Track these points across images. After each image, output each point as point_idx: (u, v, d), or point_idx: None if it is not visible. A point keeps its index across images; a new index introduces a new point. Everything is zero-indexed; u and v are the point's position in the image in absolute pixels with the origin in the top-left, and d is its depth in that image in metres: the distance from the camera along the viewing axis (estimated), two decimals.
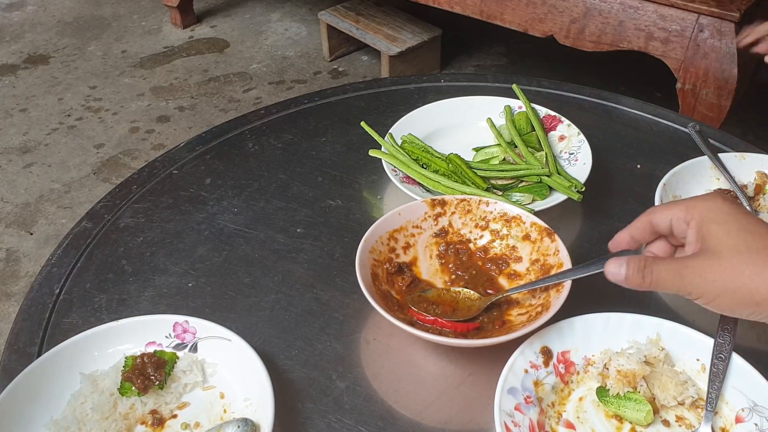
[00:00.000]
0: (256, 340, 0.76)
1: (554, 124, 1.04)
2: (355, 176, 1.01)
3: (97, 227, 0.92)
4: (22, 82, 2.92)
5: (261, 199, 0.97)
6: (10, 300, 1.95)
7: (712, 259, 0.58)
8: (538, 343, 0.70)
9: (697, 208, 0.61)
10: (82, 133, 2.61)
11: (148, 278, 0.85)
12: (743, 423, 0.65)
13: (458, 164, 0.94)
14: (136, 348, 0.72)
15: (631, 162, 1.03)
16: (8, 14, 3.45)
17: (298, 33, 3.21)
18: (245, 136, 1.10)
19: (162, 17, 3.37)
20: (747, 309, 0.57)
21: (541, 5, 1.95)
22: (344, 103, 1.18)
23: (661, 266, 0.60)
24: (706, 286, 0.57)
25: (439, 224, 0.84)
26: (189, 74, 2.94)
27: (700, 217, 0.60)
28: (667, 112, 1.13)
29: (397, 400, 0.70)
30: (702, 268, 0.58)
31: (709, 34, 1.69)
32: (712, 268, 0.57)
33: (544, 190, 0.92)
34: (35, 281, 0.84)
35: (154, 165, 1.04)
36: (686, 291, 0.59)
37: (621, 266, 0.62)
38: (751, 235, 0.57)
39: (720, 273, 0.57)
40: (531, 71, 2.88)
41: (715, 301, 0.58)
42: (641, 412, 0.66)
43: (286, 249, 0.89)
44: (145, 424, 0.68)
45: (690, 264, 0.59)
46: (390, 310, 0.72)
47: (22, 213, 2.25)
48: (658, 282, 0.60)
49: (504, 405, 0.64)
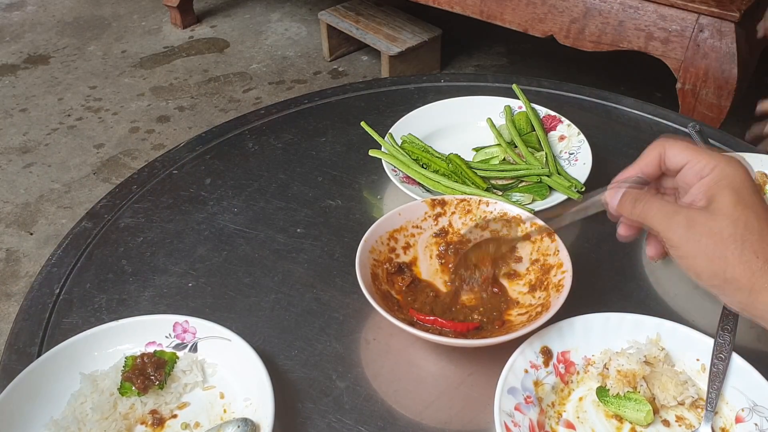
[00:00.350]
0: (256, 340, 0.76)
1: (554, 124, 1.04)
2: (355, 176, 1.01)
3: (97, 227, 0.92)
4: (22, 82, 2.92)
5: (261, 199, 0.97)
6: (10, 300, 1.95)
7: (708, 218, 0.56)
8: (538, 343, 0.70)
9: (719, 167, 0.58)
10: (82, 133, 2.61)
11: (148, 278, 0.85)
12: (743, 423, 0.65)
13: (458, 164, 0.94)
14: (136, 348, 0.72)
15: (631, 162, 1.02)
16: (8, 14, 3.45)
17: (298, 33, 3.21)
18: (245, 136, 1.10)
19: (162, 17, 3.37)
20: (713, 280, 0.56)
21: (541, 5, 1.95)
22: (344, 103, 1.18)
23: (655, 202, 0.59)
24: (689, 239, 0.56)
25: (439, 224, 0.84)
26: (189, 74, 2.94)
27: (718, 178, 0.58)
28: (667, 112, 1.13)
29: (397, 400, 0.70)
30: (694, 221, 0.56)
31: (709, 34, 1.69)
32: (705, 226, 0.56)
33: (544, 190, 0.92)
34: (35, 281, 0.84)
35: (154, 165, 1.04)
36: (668, 236, 0.58)
37: (617, 193, 0.62)
38: (756, 217, 0.56)
39: (709, 235, 0.55)
40: (531, 71, 2.88)
41: (688, 260, 0.57)
42: (641, 412, 0.66)
43: (286, 249, 0.89)
44: (145, 424, 0.68)
45: (683, 212, 0.57)
46: (390, 310, 0.72)
47: (22, 213, 2.25)
48: (646, 215, 0.59)
49: (504, 405, 0.64)
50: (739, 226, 0.55)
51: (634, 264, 0.86)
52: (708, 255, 0.55)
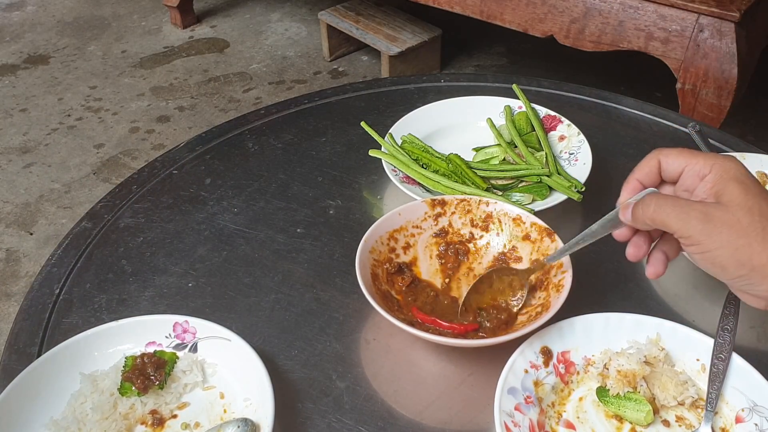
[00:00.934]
0: (256, 340, 0.76)
1: (554, 124, 1.04)
2: (355, 176, 1.01)
3: (97, 227, 0.92)
4: (22, 82, 2.92)
5: (261, 199, 0.97)
6: (10, 300, 1.95)
7: (722, 210, 0.55)
8: (538, 343, 0.70)
9: (718, 163, 0.58)
10: (82, 133, 2.61)
11: (148, 278, 0.85)
12: (743, 423, 0.65)
13: (458, 164, 0.94)
14: (136, 348, 0.72)
15: (631, 162, 1.01)
16: (8, 14, 3.45)
17: (298, 33, 3.20)
18: (245, 136, 1.10)
19: (162, 17, 3.37)
20: (741, 270, 0.55)
21: (541, 5, 1.95)
22: (344, 103, 1.18)
23: (667, 201, 0.58)
24: (710, 233, 0.55)
25: (439, 224, 0.84)
26: (189, 74, 2.94)
27: (720, 173, 0.58)
28: (667, 112, 1.13)
29: (397, 400, 0.70)
30: (710, 215, 0.56)
31: (709, 34, 1.69)
32: (721, 219, 0.55)
33: (544, 190, 0.92)
34: (35, 281, 0.84)
35: (154, 165, 1.04)
36: (687, 233, 0.57)
37: (628, 210, 0.61)
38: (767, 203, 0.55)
39: (728, 226, 0.55)
40: (531, 71, 2.88)
41: (711, 253, 0.56)
42: (641, 412, 0.66)
43: (286, 249, 0.89)
44: (145, 424, 0.68)
45: (698, 207, 0.57)
46: (390, 310, 0.72)
47: (22, 213, 2.25)
48: (661, 216, 0.58)
49: (504, 405, 0.64)
50: (755, 214, 0.55)
51: (634, 264, 0.85)
52: (731, 245, 0.55)
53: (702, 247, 0.56)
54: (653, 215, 0.59)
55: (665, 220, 0.58)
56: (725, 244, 0.55)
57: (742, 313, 0.72)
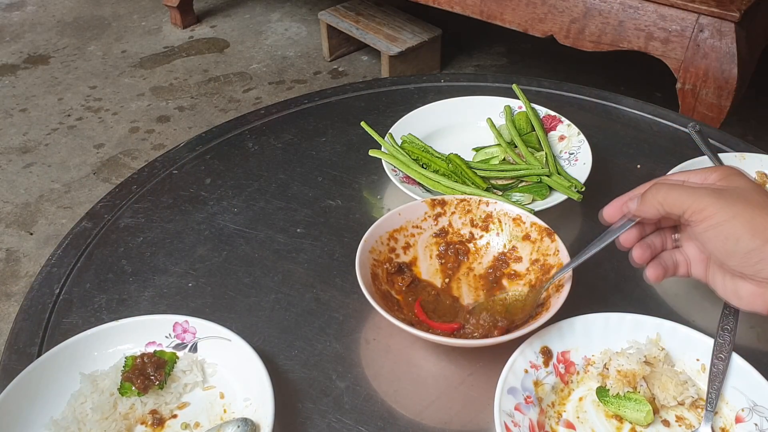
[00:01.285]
0: (256, 340, 0.76)
1: (554, 124, 1.04)
2: (355, 176, 1.01)
3: (97, 227, 0.92)
4: (22, 82, 2.92)
5: (261, 199, 0.97)
6: (10, 300, 1.96)
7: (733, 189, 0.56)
8: (538, 343, 0.70)
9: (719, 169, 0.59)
10: (82, 133, 2.61)
11: (148, 278, 0.85)
12: (743, 423, 0.65)
13: (458, 164, 0.94)
14: (136, 348, 0.72)
15: (631, 162, 1.03)
16: (8, 14, 3.45)
17: (298, 33, 3.21)
18: (245, 136, 1.10)
19: (162, 17, 3.37)
20: (755, 240, 0.54)
21: (541, 5, 1.95)
22: (344, 103, 1.18)
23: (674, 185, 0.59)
24: (722, 206, 0.55)
25: (439, 224, 0.84)
26: (189, 74, 2.94)
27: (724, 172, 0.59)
28: (667, 112, 1.13)
29: (397, 400, 0.70)
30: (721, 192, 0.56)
31: (709, 34, 1.69)
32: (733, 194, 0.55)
33: (544, 190, 0.92)
34: (35, 281, 0.84)
35: (154, 165, 1.04)
36: (698, 206, 0.56)
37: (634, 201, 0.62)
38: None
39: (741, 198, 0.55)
40: (531, 71, 2.88)
41: (725, 225, 0.55)
42: (641, 412, 0.66)
43: (286, 249, 0.89)
44: (145, 424, 0.68)
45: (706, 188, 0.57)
46: (390, 310, 0.72)
47: (22, 213, 2.25)
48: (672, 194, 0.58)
49: (504, 405, 0.64)
50: (765, 195, 0.55)
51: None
52: (746, 214, 0.55)
53: (716, 218, 0.56)
54: (665, 195, 0.59)
55: (677, 198, 0.58)
56: (739, 213, 0.55)
57: (742, 313, 0.72)
